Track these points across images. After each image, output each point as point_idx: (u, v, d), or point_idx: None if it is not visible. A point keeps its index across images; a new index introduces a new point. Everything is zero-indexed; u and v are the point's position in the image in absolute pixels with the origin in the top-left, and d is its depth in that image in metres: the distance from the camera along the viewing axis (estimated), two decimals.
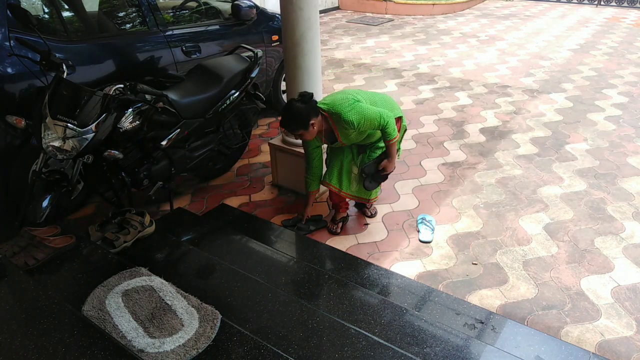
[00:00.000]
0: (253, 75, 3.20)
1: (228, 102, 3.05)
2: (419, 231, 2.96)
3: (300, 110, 2.50)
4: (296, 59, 2.95)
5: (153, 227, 2.63)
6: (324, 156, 2.92)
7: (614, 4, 10.83)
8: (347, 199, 2.98)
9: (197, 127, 2.92)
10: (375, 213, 3.16)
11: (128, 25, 3.28)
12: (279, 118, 3.77)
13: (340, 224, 3.03)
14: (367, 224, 3.06)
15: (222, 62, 3.12)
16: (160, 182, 2.82)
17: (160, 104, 2.60)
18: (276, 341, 1.89)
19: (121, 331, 1.84)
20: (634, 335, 2.23)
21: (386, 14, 10.20)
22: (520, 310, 2.37)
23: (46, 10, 2.87)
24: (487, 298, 2.44)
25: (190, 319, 1.88)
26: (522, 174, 3.66)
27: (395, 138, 2.61)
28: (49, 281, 2.19)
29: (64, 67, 2.25)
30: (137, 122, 2.49)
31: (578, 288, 2.51)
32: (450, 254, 2.78)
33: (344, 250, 2.79)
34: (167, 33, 3.26)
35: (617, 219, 3.09)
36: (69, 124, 2.16)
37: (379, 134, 2.73)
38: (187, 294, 2.01)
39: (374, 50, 7.33)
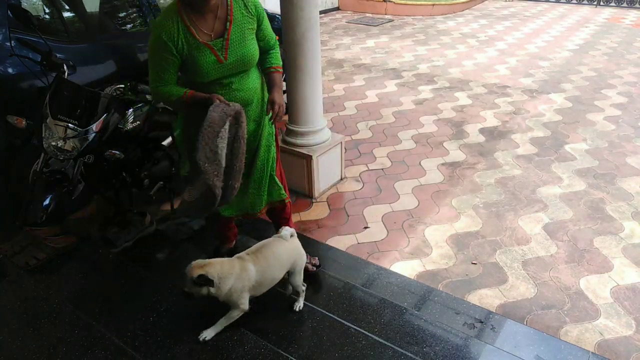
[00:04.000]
0: None
1: None
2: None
3: None
4: (296, 59, 2.96)
5: (154, 227, 2.64)
6: None
7: (613, 4, 10.84)
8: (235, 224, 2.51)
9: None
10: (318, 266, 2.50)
11: (129, 26, 3.28)
12: None
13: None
14: (367, 227, 3.05)
15: None
16: (161, 182, 2.83)
17: (161, 104, 2.60)
18: (276, 341, 1.89)
19: None
20: (633, 334, 2.23)
21: (386, 14, 10.20)
22: (520, 310, 2.37)
23: (47, 10, 2.87)
24: (486, 298, 2.45)
25: None
26: (522, 174, 3.67)
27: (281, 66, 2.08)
28: (50, 281, 2.20)
29: (65, 67, 2.26)
30: (138, 122, 2.50)
31: (577, 288, 2.52)
32: (449, 253, 2.79)
33: (343, 249, 2.80)
34: None
35: (617, 218, 3.10)
36: (69, 124, 2.17)
37: (256, 82, 2.00)
38: None
39: (373, 51, 7.34)
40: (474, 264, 2.70)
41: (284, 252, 2.06)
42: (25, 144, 2.53)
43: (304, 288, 2.16)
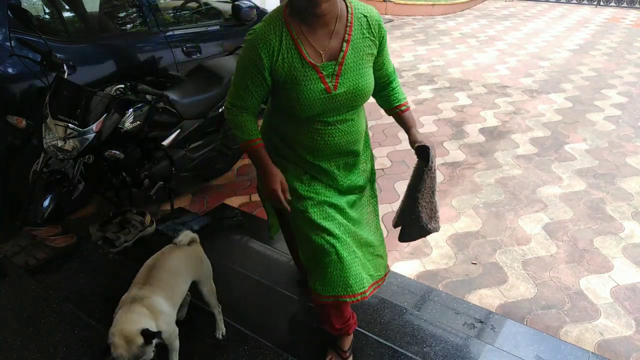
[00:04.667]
0: None
1: None
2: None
3: None
4: None
5: (154, 227, 2.64)
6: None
7: (613, 4, 10.85)
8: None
9: (198, 127, 2.92)
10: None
11: (129, 26, 3.28)
12: None
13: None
14: None
15: (223, 63, 3.13)
16: (161, 182, 2.83)
17: (161, 104, 2.61)
18: (276, 341, 1.89)
19: None
20: (633, 334, 2.23)
21: (386, 14, 10.20)
22: (520, 310, 2.37)
23: (47, 10, 2.87)
24: (486, 297, 2.45)
25: None
26: (522, 174, 3.67)
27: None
28: (50, 281, 2.19)
29: (65, 67, 2.25)
30: (138, 122, 2.50)
31: (577, 288, 2.52)
32: (449, 253, 2.79)
33: None
34: (168, 33, 3.26)
35: (616, 218, 3.10)
36: (69, 124, 2.17)
37: (364, 123, 1.67)
38: None
39: None
40: (474, 264, 2.70)
41: (180, 262, 1.69)
42: (25, 144, 2.53)
43: (219, 309, 1.82)
